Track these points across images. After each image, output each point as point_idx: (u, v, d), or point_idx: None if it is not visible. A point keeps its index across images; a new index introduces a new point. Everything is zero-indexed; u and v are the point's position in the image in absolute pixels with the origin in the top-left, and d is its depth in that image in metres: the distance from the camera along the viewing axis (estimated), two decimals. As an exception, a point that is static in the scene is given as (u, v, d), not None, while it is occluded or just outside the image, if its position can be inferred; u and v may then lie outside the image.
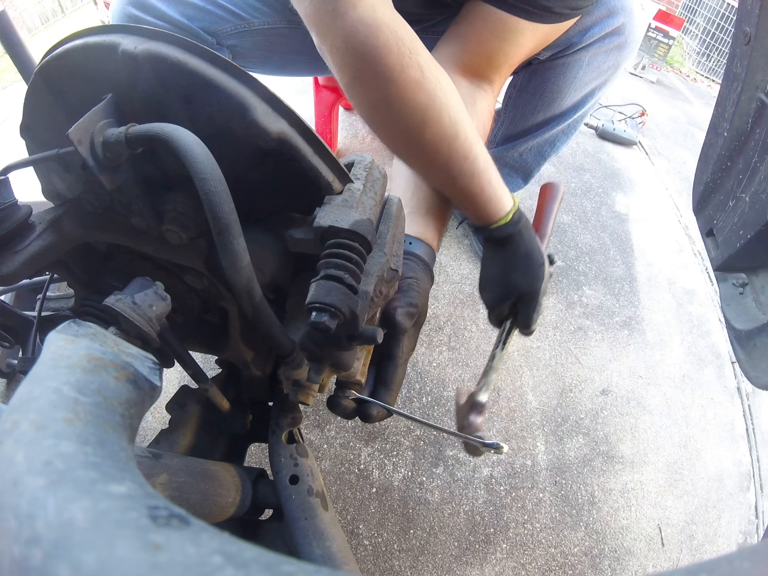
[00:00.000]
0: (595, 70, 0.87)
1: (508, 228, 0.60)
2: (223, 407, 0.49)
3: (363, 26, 0.49)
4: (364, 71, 0.51)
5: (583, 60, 0.85)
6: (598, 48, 0.84)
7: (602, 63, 0.86)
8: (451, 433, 0.56)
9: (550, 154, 1.05)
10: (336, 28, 0.50)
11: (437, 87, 0.52)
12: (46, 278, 0.56)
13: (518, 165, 1.08)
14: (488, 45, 0.68)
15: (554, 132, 0.99)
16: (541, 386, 1.11)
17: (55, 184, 0.42)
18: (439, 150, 0.54)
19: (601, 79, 0.89)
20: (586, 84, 0.89)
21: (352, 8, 0.49)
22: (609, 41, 0.83)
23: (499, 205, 0.59)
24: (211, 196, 0.30)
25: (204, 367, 0.41)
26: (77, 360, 0.22)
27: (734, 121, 0.65)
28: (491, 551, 0.88)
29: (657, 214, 1.62)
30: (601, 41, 0.83)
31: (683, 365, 1.20)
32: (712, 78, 3.36)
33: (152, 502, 0.14)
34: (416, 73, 0.51)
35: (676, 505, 0.98)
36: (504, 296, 0.63)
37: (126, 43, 0.33)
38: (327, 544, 0.45)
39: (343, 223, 0.36)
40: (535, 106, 0.95)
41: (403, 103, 0.52)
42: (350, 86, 0.54)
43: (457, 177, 0.57)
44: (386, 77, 0.50)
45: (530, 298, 0.61)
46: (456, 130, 0.54)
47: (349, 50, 0.51)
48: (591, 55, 0.84)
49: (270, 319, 0.36)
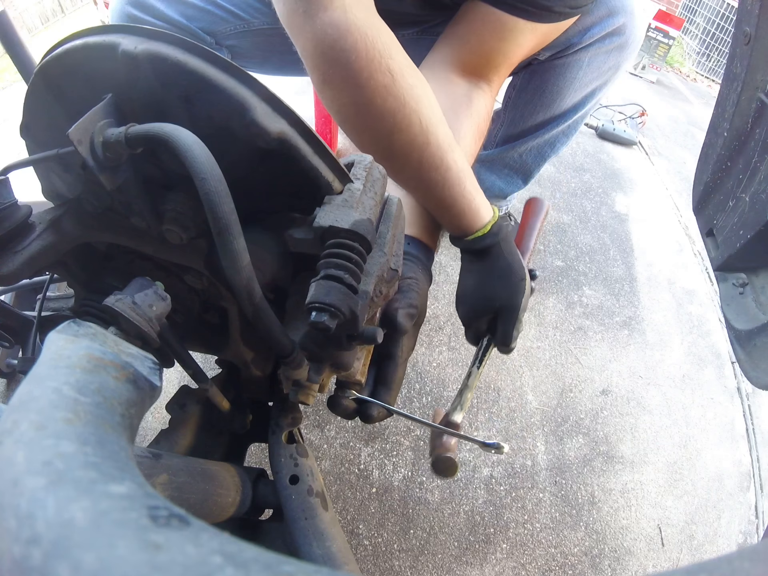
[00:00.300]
0: (595, 70, 0.86)
1: (486, 239, 0.57)
2: (223, 407, 0.49)
3: (332, 29, 0.48)
4: (332, 75, 0.50)
5: (583, 60, 0.84)
6: (598, 48, 0.83)
7: (602, 63, 0.86)
8: (452, 434, 0.56)
9: (550, 155, 1.04)
10: (306, 30, 0.49)
11: (409, 93, 0.51)
12: (46, 278, 0.56)
13: (518, 166, 1.07)
14: (487, 45, 0.68)
15: (554, 133, 0.98)
16: (541, 386, 1.11)
17: (55, 184, 0.42)
18: (410, 158, 0.53)
19: (602, 79, 0.89)
20: (587, 84, 0.89)
21: (323, 10, 0.48)
22: (609, 42, 0.83)
23: (476, 217, 0.57)
24: (211, 196, 0.30)
25: (204, 367, 0.41)
26: (77, 360, 0.22)
27: (734, 121, 0.65)
28: (491, 551, 0.88)
29: (657, 214, 1.62)
30: (601, 41, 0.83)
31: (683, 365, 1.20)
32: (712, 78, 3.36)
33: (152, 502, 0.14)
34: (386, 78, 0.49)
35: (676, 505, 0.98)
36: (482, 311, 0.60)
37: (126, 43, 0.33)
38: (327, 544, 0.45)
39: (343, 223, 0.36)
40: (535, 106, 0.94)
41: (371, 108, 0.50)
42: (320, 89, 0.53)
43: (428, 186, 0.55)
44: (354, 81, 0.49)
45: (509, 313, 0.58)
46: (427, 138, 0.52)
47: (318, 53, 0.49)
48: (591, 55, 0.84)
49: (270, 319, 0.36)
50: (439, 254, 1.35)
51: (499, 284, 0.58)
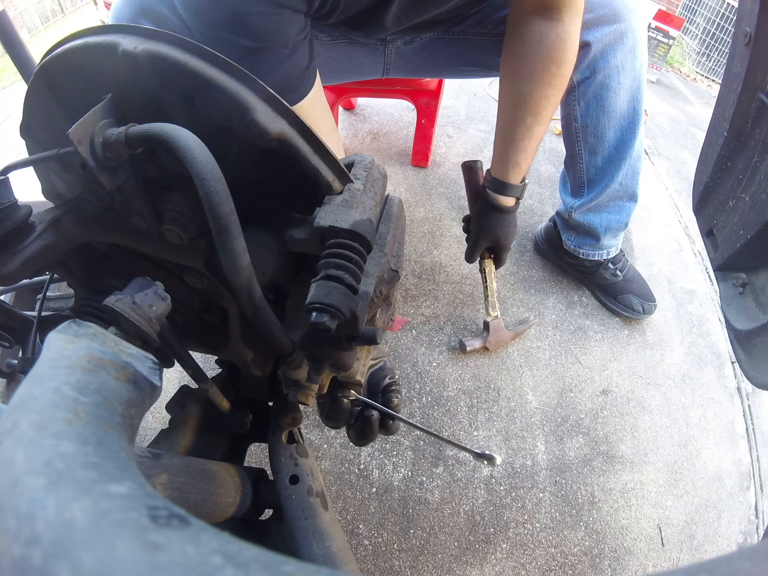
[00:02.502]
0: (629, 72, 0.93)
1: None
2: (223, 407, 0.49)
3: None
4: None
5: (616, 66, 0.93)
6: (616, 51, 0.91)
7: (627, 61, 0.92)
8: (447, 442, 0.56)
9: (640, 166, 1.06)
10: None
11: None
12: (46, 278, 0.56)
13: (622, 193, 1.10)
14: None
15: (636, 146, 1.02)
16: (541, 386, 1.11)
17: (55, 184, 0.42)
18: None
19: (636, 77, 0.95)
20: (626, 87, 0.95)
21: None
22: (620, 42, 0.90)
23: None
24: (211, 196, 0.30)
25: (204, 367, 0.41)
26: (77, 360, 0.22)
27: (734, 121, 0.65)
28: (491, 551, 0.88)
29: (657, 214, 1.62)
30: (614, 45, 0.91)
31: (683, 365, 1.20)
32: (712, 78, 3.36)
33: (152, 502, 0.14)
34: None
35: (676, 505, 0.98)
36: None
37: (126, 43, 0.33)
38: (327, 544, 0.45)
39: (343, 223, 0.36)
40: (600, 120, 1.00)
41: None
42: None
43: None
44: None
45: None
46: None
47: None
48: (620, 59, 0.92)
49: (270, 319, 0.36)
50: (440, 254, 1.35)
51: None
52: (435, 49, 1.01)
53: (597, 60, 0.92)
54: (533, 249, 1.39)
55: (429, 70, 1.13)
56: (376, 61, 1.02)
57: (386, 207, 0.45)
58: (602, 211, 1.13)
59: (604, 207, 1.12)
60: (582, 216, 1.15)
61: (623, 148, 1.01)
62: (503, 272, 1.32)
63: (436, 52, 1.02)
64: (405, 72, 1.10)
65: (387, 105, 1.90)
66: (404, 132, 1.79)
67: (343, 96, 1.51)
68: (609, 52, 0.91)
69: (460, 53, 1.01)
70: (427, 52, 1.03)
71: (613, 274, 1.23)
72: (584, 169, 1.08)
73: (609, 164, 1.04)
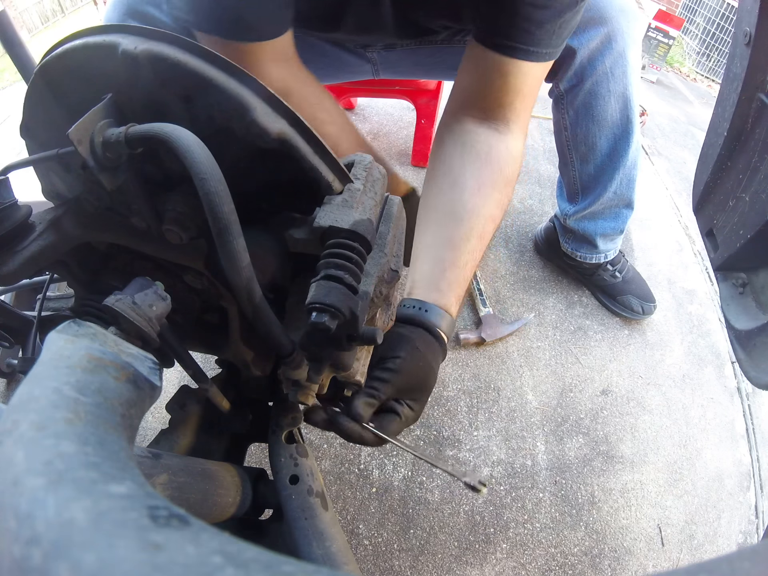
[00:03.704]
0: (619, 77, 0.89)
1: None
2: (223, 407, 0.49)
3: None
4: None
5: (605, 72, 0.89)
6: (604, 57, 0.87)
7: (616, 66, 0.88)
8: (435, 465, 0.54)
9: (636, 173, 1.04)
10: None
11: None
12: (46, 278, 0.56)
13: (617, 201, 1.08)
14: (491, 85, 0.66)
15: (631, 154, 0.99)
16: (541, 386, 1.11)
17: (55, 184, 0.42)
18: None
19: (628, 82, 0.91)
20: (618, 92, 0.91)
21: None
22: (607, 47, 0.86)
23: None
24: (211, 196, 0.30)
25: (204, 367, 0.41)
26: (77, 360, 0.22)
27: (734, 121, 0.65)
28: (491, 551, 0.88)
29: (657, 214, 1.62)
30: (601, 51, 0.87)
31: (683, 365, 1.20)
32: (712, 78, 3.36)
33: (152, 502, 0.14)
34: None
35: (676, 505, 0.98)
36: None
37: (126, 43, 0.33)
38: (327, 544, 0.45)
39: (343, 223, 0.36)
40: (590, 128, 0.96)
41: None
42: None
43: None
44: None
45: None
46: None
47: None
48: (609, 65, 0.88)
49: (270, 319, 0.36)
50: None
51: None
52: (419, 57, 1.00)
53: (584, 67, 0.88)
54: (533, 249, 1.39)
55: (419, 73, 1.12)
56: (363, 62, 1.02)
57: (386, 207, 0.45)
58: (597, 219, 1.11)
59: (599, 214, 1.10)
60: (577, 223, 1.14)
61: (616, 158, 0.98)
62: (503, 272, 1.32)
63: (421, 60, 1.00)
64: (395, 75, 1.09)
65: (387, 105, 1.90)
66: (404, 132, 1.79)
67: (343, 96, 1.51)
68: (597, 58, 0.87)
69: (446, 60, 0.98)
70: (412, 60, 1.01)
71: (612, 276, 1.22)
72: (577, 177, 1.06)
73: (602, 173, 1.02)
